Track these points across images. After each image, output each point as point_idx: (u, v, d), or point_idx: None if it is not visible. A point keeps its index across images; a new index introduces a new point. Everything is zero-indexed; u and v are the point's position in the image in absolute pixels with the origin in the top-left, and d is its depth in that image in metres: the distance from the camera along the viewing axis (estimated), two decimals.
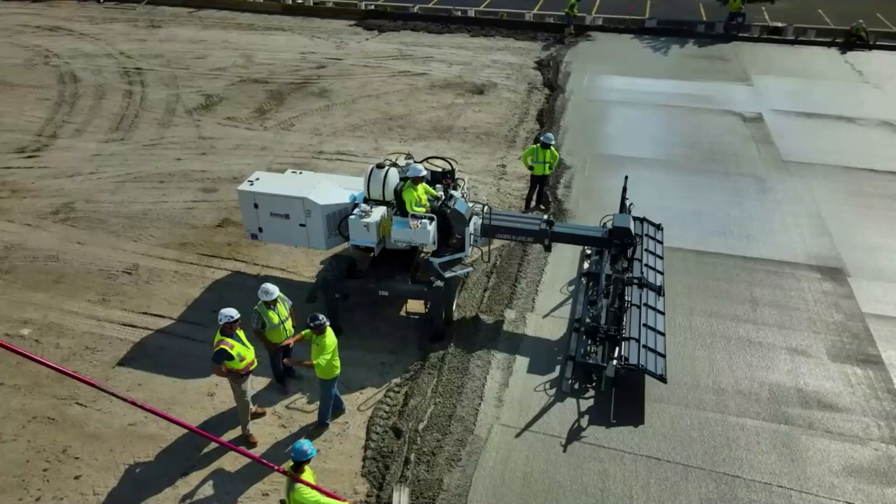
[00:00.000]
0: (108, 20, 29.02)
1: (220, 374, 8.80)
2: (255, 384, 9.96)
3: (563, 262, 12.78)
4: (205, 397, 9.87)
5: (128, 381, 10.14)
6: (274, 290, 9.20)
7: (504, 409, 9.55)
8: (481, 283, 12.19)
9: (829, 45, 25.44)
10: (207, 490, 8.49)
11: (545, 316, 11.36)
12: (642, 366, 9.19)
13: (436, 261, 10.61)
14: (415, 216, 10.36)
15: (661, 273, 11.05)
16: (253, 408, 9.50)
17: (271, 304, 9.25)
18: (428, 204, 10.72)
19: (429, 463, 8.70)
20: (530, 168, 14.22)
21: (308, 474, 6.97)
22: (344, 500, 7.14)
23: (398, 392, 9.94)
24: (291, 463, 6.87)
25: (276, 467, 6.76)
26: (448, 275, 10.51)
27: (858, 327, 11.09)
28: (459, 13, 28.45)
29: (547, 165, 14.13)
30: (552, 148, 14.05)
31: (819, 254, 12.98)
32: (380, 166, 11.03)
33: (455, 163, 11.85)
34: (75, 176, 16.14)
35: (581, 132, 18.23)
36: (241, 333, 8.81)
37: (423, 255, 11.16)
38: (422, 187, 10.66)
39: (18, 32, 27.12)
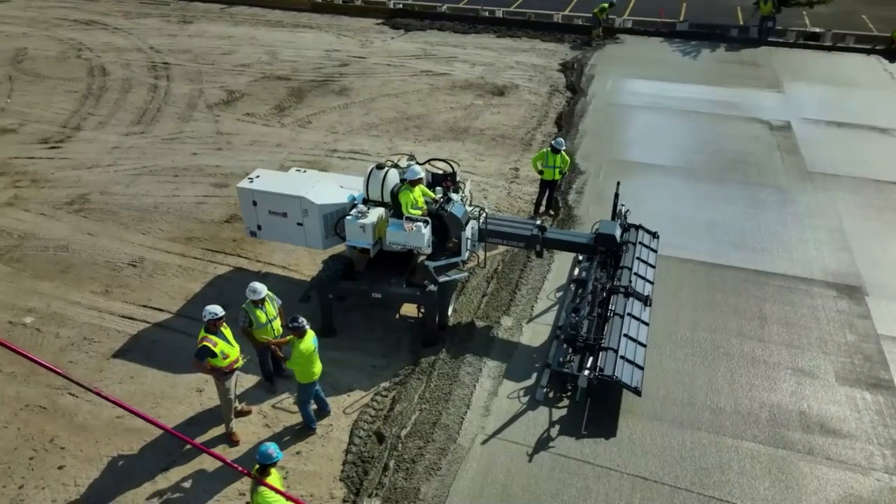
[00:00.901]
0: (142, 15, 29.59)
1: (203, 371, 8.80)
2: (244, 382, 10.01)
3: (566, 269, 12.50)
4: (193, 393, 9.90)
5: (120, 374, 10.24)
6: (262, 289, 9.17)
7: (490, 418, 9.35)
8: (481, 288, 11.99)
9: (868, 52, 24.46)
10: (186, 487, 8.49)
11: (528, 322, 11.18)
12: (616, 377, 8.89)
13: (431, 264, 10.45)
14: (410, 219, 10.23)
15: (651, 283, 10.73)
16: (239, 406, 9.51)
17: (259, 303, 9.22)
18: (425, 206, 10.57)
19: (408, 471, 8.55)
20: (540, 172, 13.96)
21: (275, 477, 6.90)
22: None
23: (386, 396, 9.82)
24: (257, 465, 6.80)
25: (241, 469, 6.67)
26: (442, 279, 10.34)
27: (872, 349, 10.57)
28: (487, 13, 28.21)
29: (557, 170, 13.86)
30: (563, 153, 13.78)
31: (837, 270, 12.43)
32: (379, 167, 10.92)
33: (457, 165, 11.67)
34: (94, 168, 16.44)
35: (599, 137, 17.85)
36: (226, 331, 8.80)
37: (421, 258, 11.03)
38: (419, 189, 10.51)
39: (56, 25, 27.83)
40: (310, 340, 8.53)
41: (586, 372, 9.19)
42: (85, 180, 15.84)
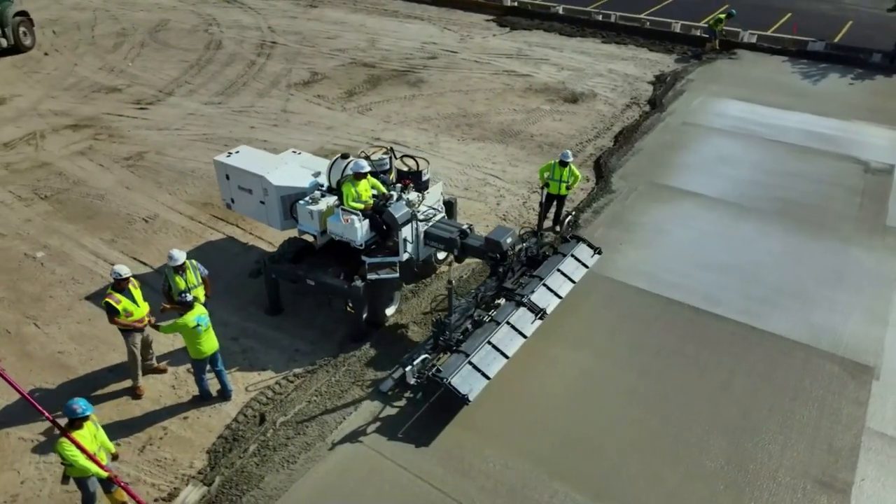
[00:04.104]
0: None
1: (121, 325, 9.26)
2: (174, 342, 10.56)
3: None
4: None
5: (82, 314, 11.24)
6: (179, 257, 9.56)
7: (373, 424, 9.04)
8: (437, 293, 11.59)
9: None
10: None
11: (426, 313, 10.86)
12: (446, 380, 8.33)
13: (367, 260, 10.31)
14: (346, 211, 10.15)
15: (560, 297, 9.78)
16: (156, 363, 10.06)
17: (179, 270, 9.63)
18: (371, 201, 10.43)
19: (264, 457, 8.56)
20: (546, 185, 13.17)
21: (86, 432, 7.20)
22: (106, 470, 7.23)
23: (292, 382, 9.87)
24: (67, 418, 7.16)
25: (47, 415, 7.10)
26: (370, 276, 10.16)
27: (845, 442, 8.78)
28: (600, 17, 26.88)
29: (563, 185, 13.01)
30: (571, 166, 12.90)
31: (854, 344, 10.44)
32: (344, 156, 10.94)
33: (427, 163, 11.36)
34: (164, 130, 18.06)
35: (651, 157, 16.38)
36: (136, 291, 9.31)
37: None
38: (364, 184, 10.36)
39: (202, 1, 30.78)
40: (191, 317, 8.70)
41: (408, 369, 8.78)
42: (151, 140, 17.46)
